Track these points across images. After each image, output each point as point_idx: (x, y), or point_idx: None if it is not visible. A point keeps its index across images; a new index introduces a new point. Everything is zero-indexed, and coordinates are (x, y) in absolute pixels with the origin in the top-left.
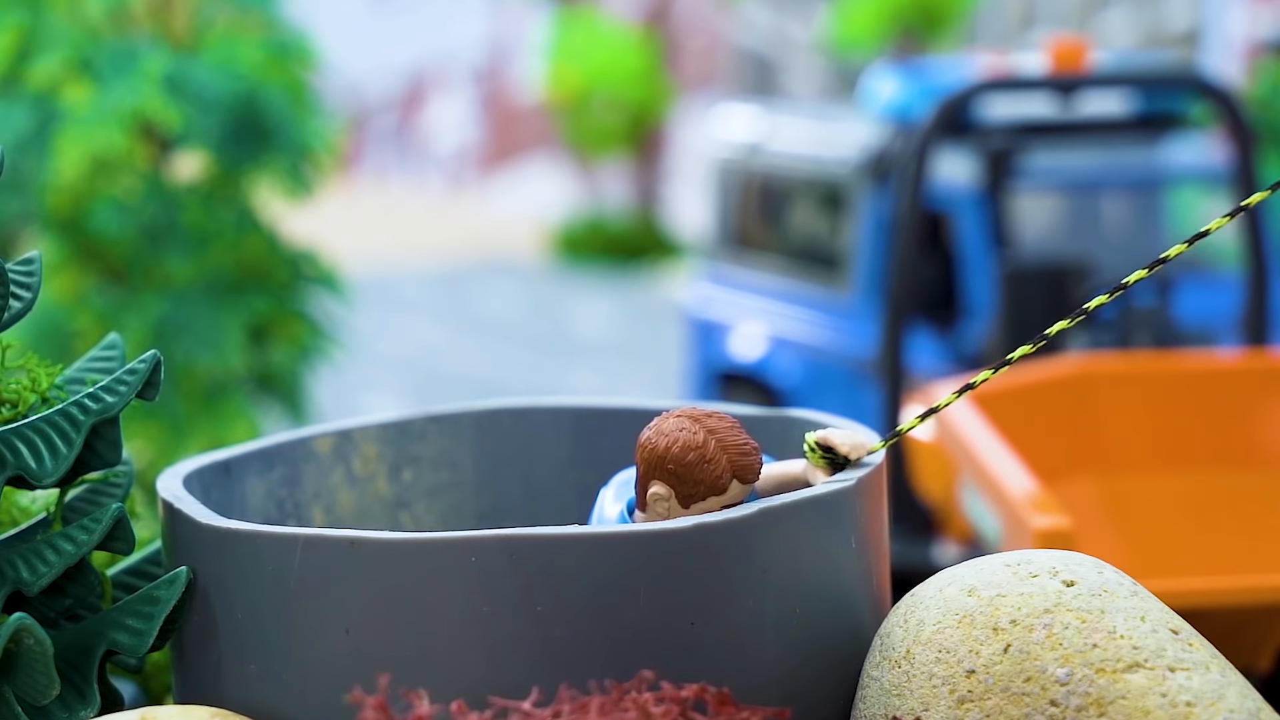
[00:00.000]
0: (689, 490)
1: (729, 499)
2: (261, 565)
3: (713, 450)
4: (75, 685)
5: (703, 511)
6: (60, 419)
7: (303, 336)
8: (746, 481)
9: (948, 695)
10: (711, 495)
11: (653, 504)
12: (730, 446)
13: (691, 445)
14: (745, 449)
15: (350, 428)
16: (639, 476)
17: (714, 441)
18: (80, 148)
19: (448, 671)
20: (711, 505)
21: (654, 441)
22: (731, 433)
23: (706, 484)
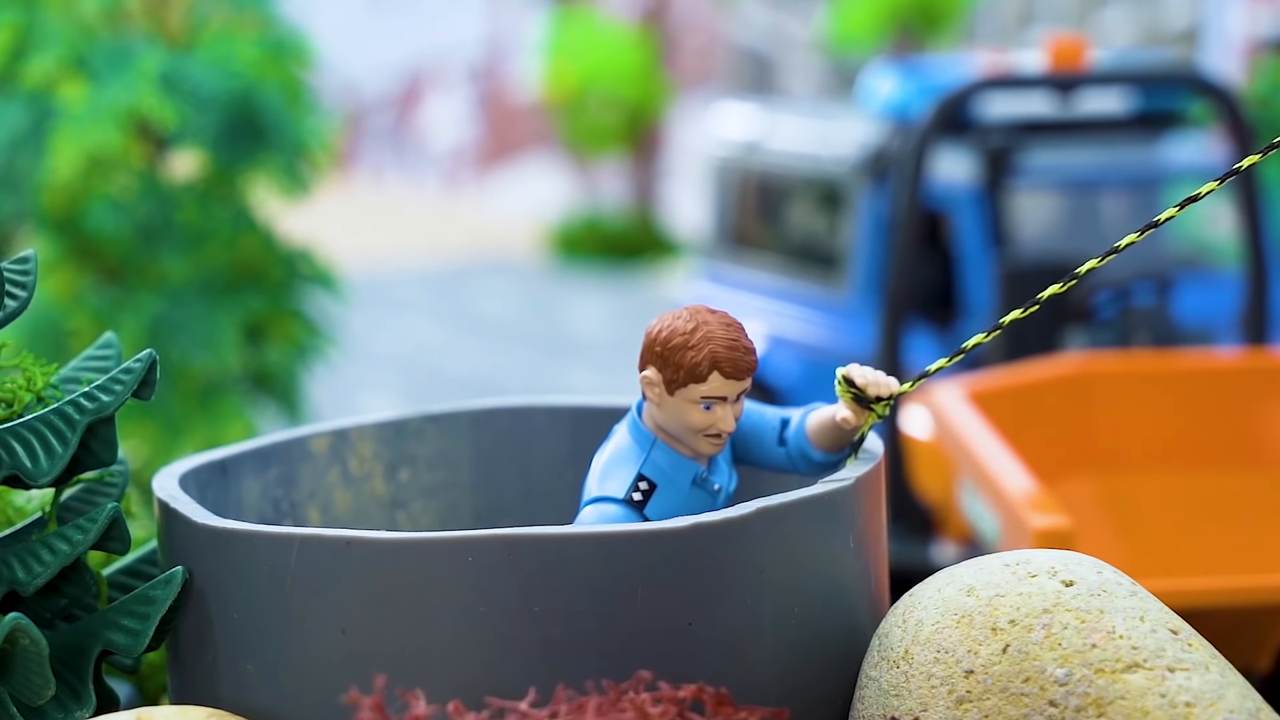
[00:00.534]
0: (670, 375)
1: (711, 390)
2: (257, 565)
3: (698, 339)
4: (71, 685)
5: (685, 402)
6: (55, 418)
7: (299, 335)
8: (729, 376)
9: (946, 695)
10: (691, 382)
11: (646, 388)
12: (718, 339)
13: (678, 331)
14: (734, 345)
15: (346, 427)
16: (639, 364)
17: (702, 331)
18: (75, 146)
19: (444, 672)
20: (693, 394)
21: (650, 327)
22: (725, 329)
23: (686, 369)
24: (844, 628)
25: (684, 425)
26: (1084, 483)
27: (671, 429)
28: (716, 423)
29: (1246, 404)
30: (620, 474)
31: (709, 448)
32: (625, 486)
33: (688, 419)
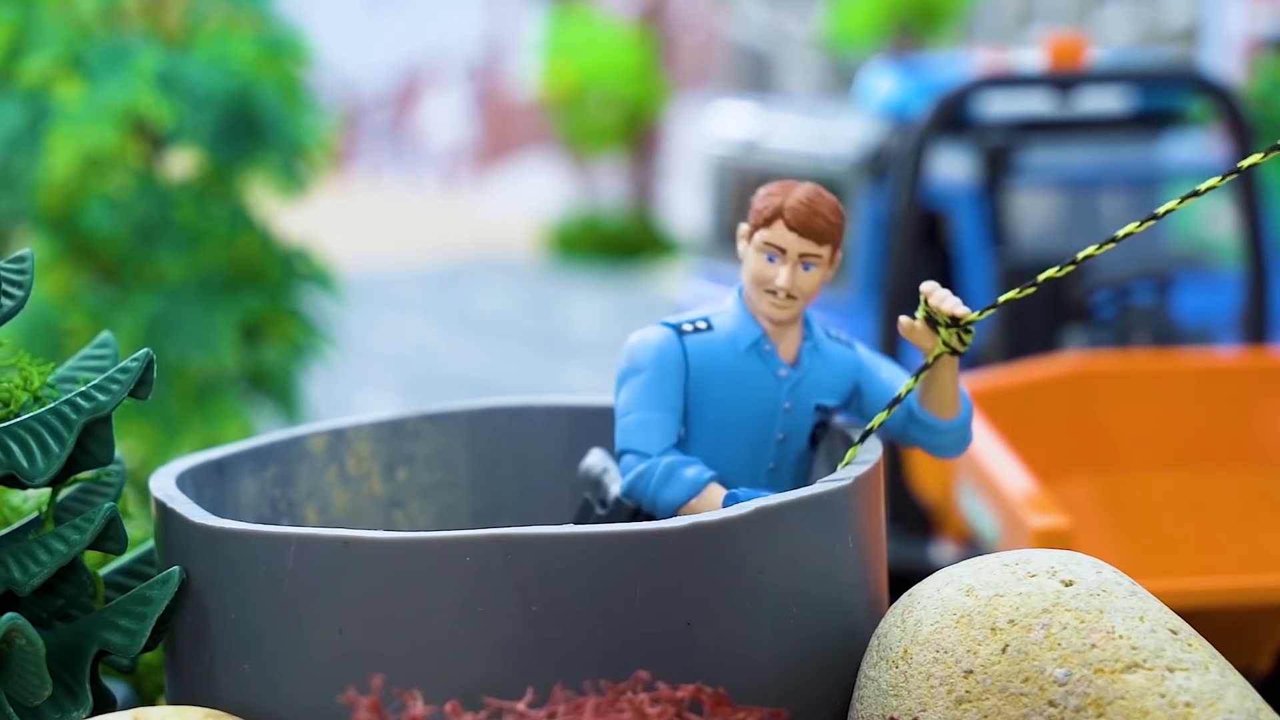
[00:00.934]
0: (749, 220)
1: (773, 238)
2: (255, 565)
3: (779, 189)
4: (67, 686)
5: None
6: (52, 418)
7: (296, 335)
8: (790, 228)
9: (945, 695)
10: (761, 227)
11: (739, 245)
12: (795, 195)
13: (771, 188)
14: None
15: (344, 427)
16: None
17: (788, 185)
18: (72, 145)
19: (442, 672)
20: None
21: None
22: (808, 191)
23: (758, 213)
24: (843, 628)
25: (751, 277)
26: (1083, 482)
27: (747, 287)
28: (776, 277)
29: (1246, 403)
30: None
31: (768, 306)
32: (686, 321)
33: (754, 270)
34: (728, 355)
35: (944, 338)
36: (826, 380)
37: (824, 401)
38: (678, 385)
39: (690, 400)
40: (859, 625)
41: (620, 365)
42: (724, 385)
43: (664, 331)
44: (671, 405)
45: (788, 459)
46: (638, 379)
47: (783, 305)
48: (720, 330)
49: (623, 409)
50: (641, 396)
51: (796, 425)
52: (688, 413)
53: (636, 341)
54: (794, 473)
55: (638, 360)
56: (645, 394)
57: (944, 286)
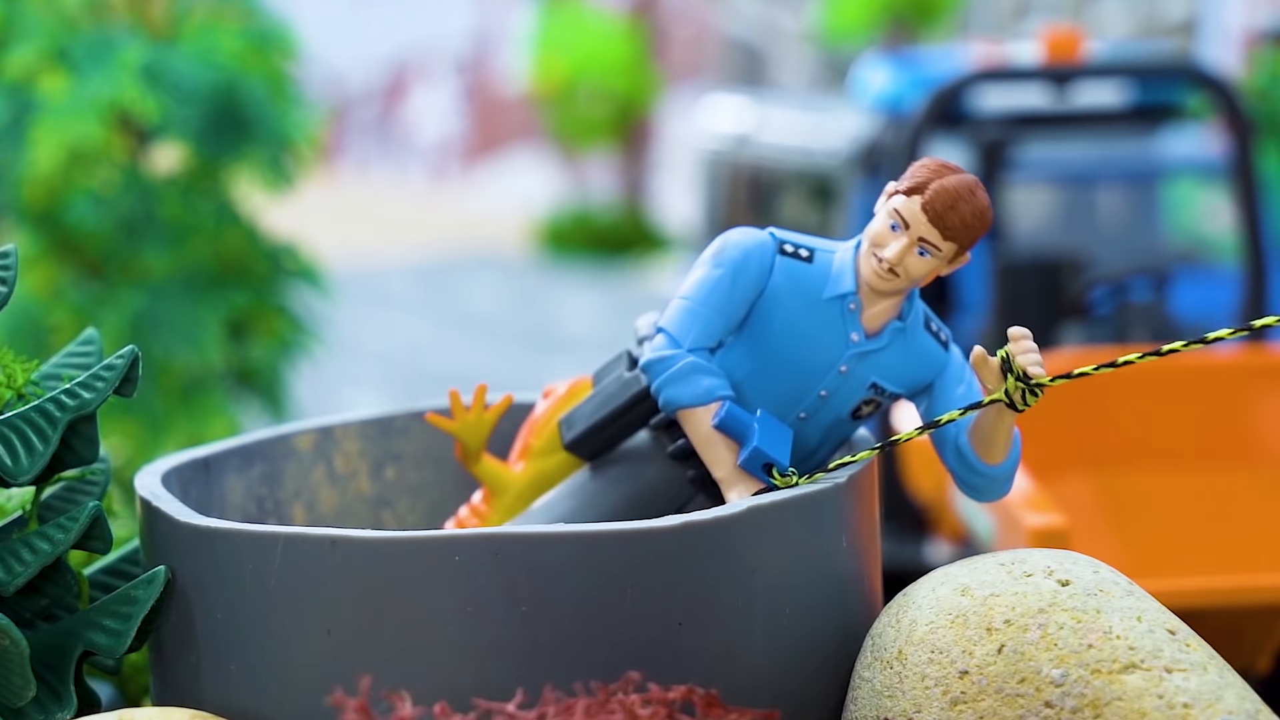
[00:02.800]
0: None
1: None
2: (241, 565)
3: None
4: (51, 687)
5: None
6: (36, 415)
7: (283, 331)
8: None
9: (940, 696)
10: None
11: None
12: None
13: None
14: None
15: (331, 424)
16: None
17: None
18: (56, 139)
19: (431, 673)
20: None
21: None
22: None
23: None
24: (837, 628)
25: (871, 234)
26: (1080, 481)
27: (864, 239)
28: (886, 247)
29: (1245, 401)
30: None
31: (869, 270)
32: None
33: (875, 226)
34: (811, 293)
35: (1008, 387)
36: (899, 366)
37: (884, 384)
38: (746, 296)
39: (754, 315)
40: (853, 625)
41: (708, 248)
42: (792, 319)
43: (765, 240)
44: (728, 312)
45: (821, 418)
46: (711, 272)
47: (883, 276)
48: (818, 267)
49: (682, 290)
50: (705, 290)
51: (844, 392)
52: (745, 325)
53: (733, 237)
54: (823, 434)
55: (723, 255)
56: (710, 289)
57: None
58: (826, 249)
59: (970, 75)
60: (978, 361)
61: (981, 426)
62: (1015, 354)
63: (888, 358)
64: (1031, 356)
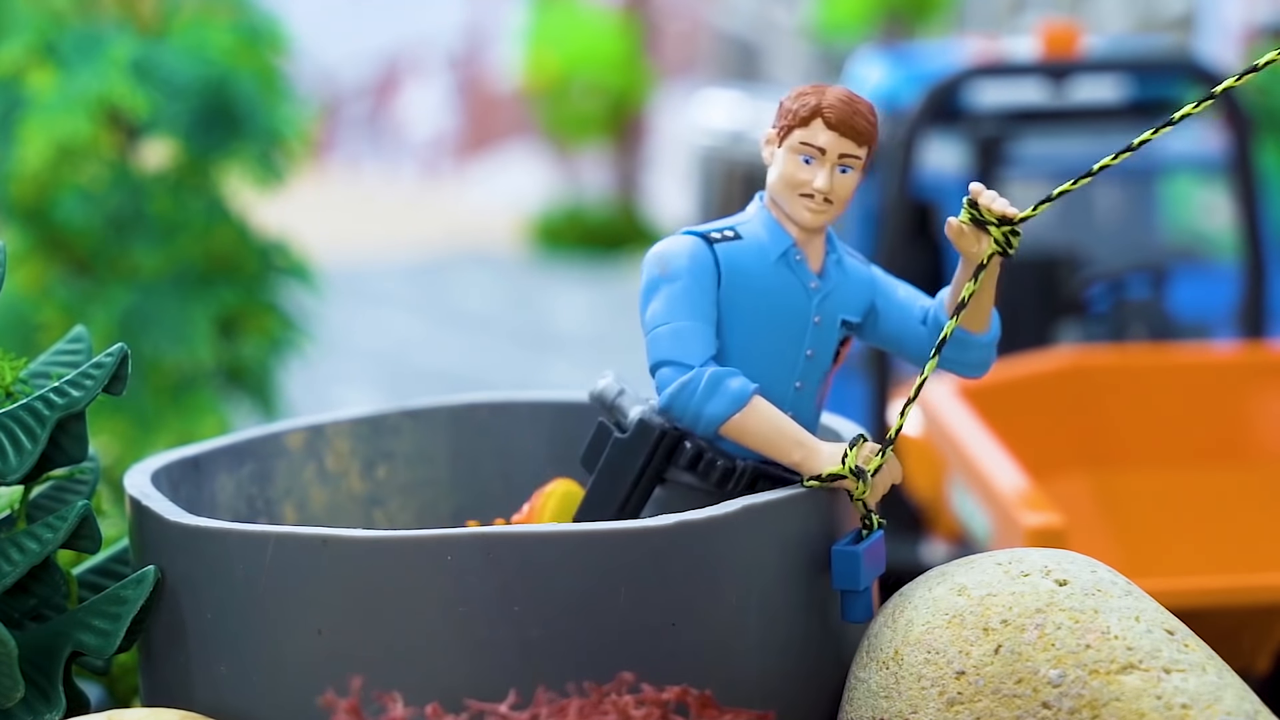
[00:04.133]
0: (780, 123)
1: (810, 137)
2: (231, 564)
3: (812, 89)
4: (40, 688)
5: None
6: (24, 414)
7: (273, 329)
8: (831, 127)
9: (937, 697)
10: (795, 127)
11: (764, 150)
12: (832, 93)
13: (801, 88)
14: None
15: (322, 423)
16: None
17: (822, 87)
18: (45, 135)
19: (423, 673)
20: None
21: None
22: (845, 92)
23: (792, 114)
24: (832, 628)
25: (783, 181)
26: (1078, 480)
27: (774, 192)
28: (813, 179)
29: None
30: (717, 223)
31: (803, 211)
32: (711, 230)
33: (788, 175)
34: (758, 265)
35: (995, 237)
36: (849, 296)
37: (849, 317)
38: (713, 295)
39: (721, 311)
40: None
41: (648, 273)
42: (755, 297)
43: (692, 239)
44: (708, 315)
45: (813, 378)
46: (672, 286)
47: (820, 209)
48: (749, 239)
49: (655, 319)
50: (678, 305)
51: (824, 341)
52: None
53: (665, 249)
54: (817, 394)
55: (671, 268)
56: (681, 302)
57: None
58: (741, 220)
59: (966, 71)
60: (953, 233)
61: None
62: (986, 204)
63: (841, 291)
64: (1000, 201)
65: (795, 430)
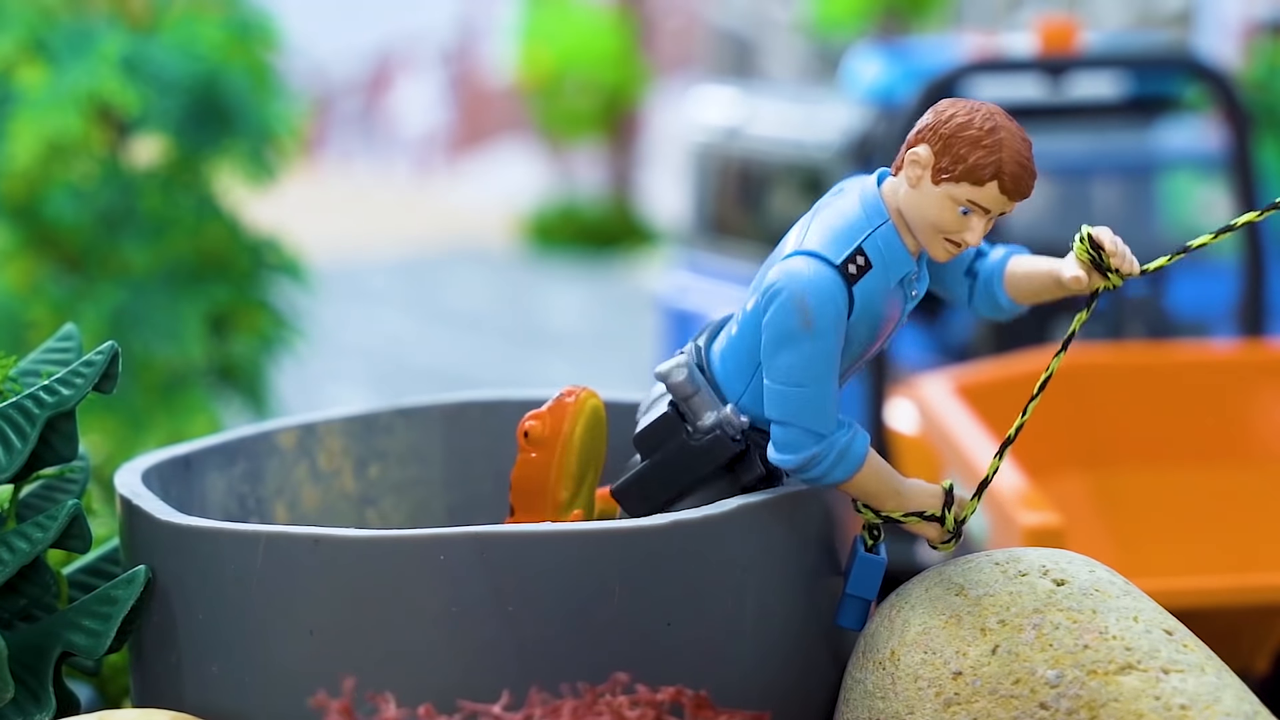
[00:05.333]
0: (945, 165)
1: (980, 198)
2: (223, 564)
3: (992, 141)
4: (30, 688)
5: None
6: (14, 412)
7: (265, 327)
8: (1006, 192)
9: (933, 698)
10: (966, 181)
11: (908, 165)
12: (1012, 150)
13: (974, 124)
14: (1025, 162)
15: (314, 421)
16: (910, 138)
17: (999, 135)
18: (35, 132)
19: (415, 674)
20: (959, 194)
21: (941, 108)
22: (1021, 142)
23: (967, 166)
24: (828, 628)
25: (929, 221)
26: (1076, 479)
27: (913, 218)
28: (965, 233)
29: (1244, 397)
30: (837, 237)
31: (941, 253)
32: (842, 253)
33: (939, 217)
34: (881, 291)
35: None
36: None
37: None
38: (841, 341)
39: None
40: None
41: (787, 319)
42: (868, 321)
43: (834, 280)
44: (838, 368)
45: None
46: (814, 346)
47: (955, 253)
48: (878, 266)
49: (790, 376)
50: (818, 369)
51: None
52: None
53: (809, 295)
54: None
55: (816, 324)
56: (822, 367)
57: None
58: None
59: (964, 67)
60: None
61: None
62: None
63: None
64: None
65: (894, 481)
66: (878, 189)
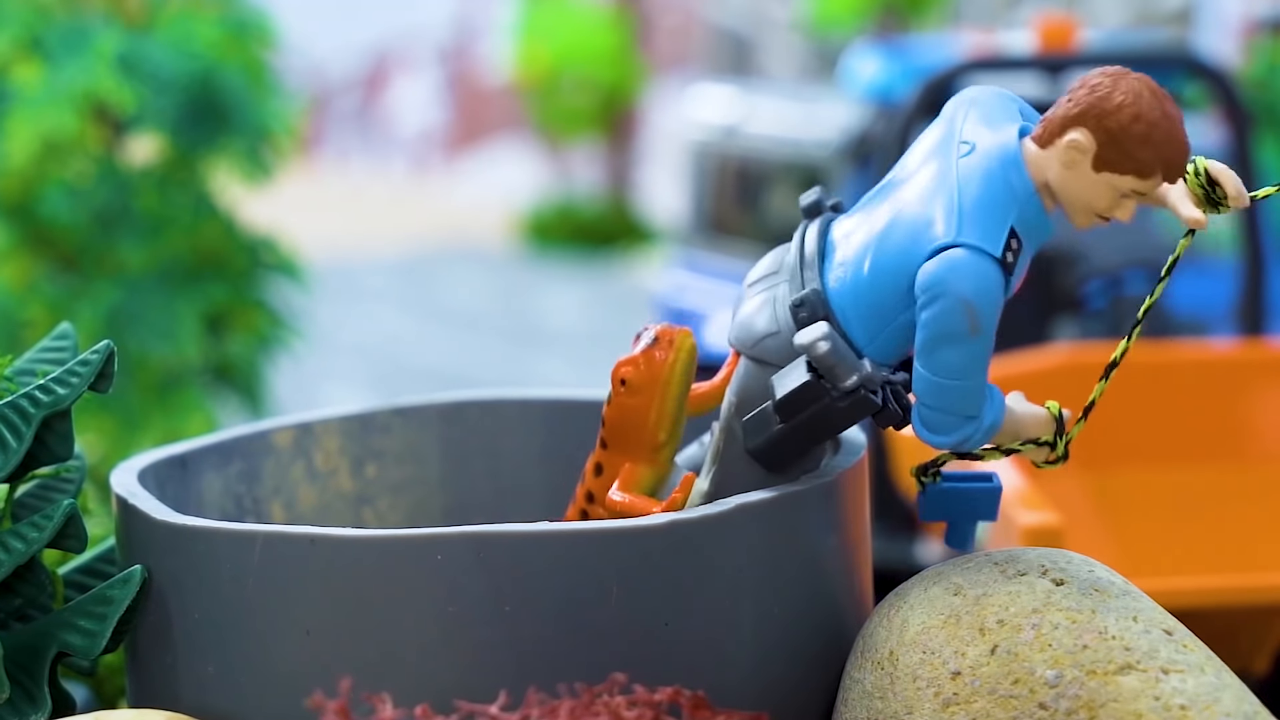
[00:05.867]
0: (1114, 157)
1: (1144, 188)
2: (219, 564)
3: (1161, 136)
4: (25, 688)
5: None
6: (9, 412)
7: (261, 326)
8: (1167, 179)
9: (932, 698)
10: (1132, 174)
11: (1064, 149)
12: (1177, 141)
13: (1144, 117)
14: (1185, 150)
15: (311, 421)
16: (1063, 113)
17: (1166, 127)
18: (30, 130)
19: (412, 674)
20: (1122, 184)
21: (1107, 89)
22: (1180, 128)
23: (1135, 161)
24: (827, 628)
25: (1085, 202)
26: (1074, 478)
27: (1065, 197)
28: (1118, 211)
29: (1243, 396)
30: (991, 221)
31: (1084, 224)
32: (1000, 240)
33: (1095, 198)
34: (1027, 264)
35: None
36: None
37: None
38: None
39: None
40: (843, 626)
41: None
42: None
43: (998, 278)
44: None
45: None
46: (976, 345)
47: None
48: (1027, 243)
49: (950, 371)
50: (978, 364)
51: None
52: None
53: (978, 297)
54: None
55: (983, 326)
56: (981, 362)
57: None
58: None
59: (962, 65)
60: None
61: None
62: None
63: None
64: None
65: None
66: (1020, 155)
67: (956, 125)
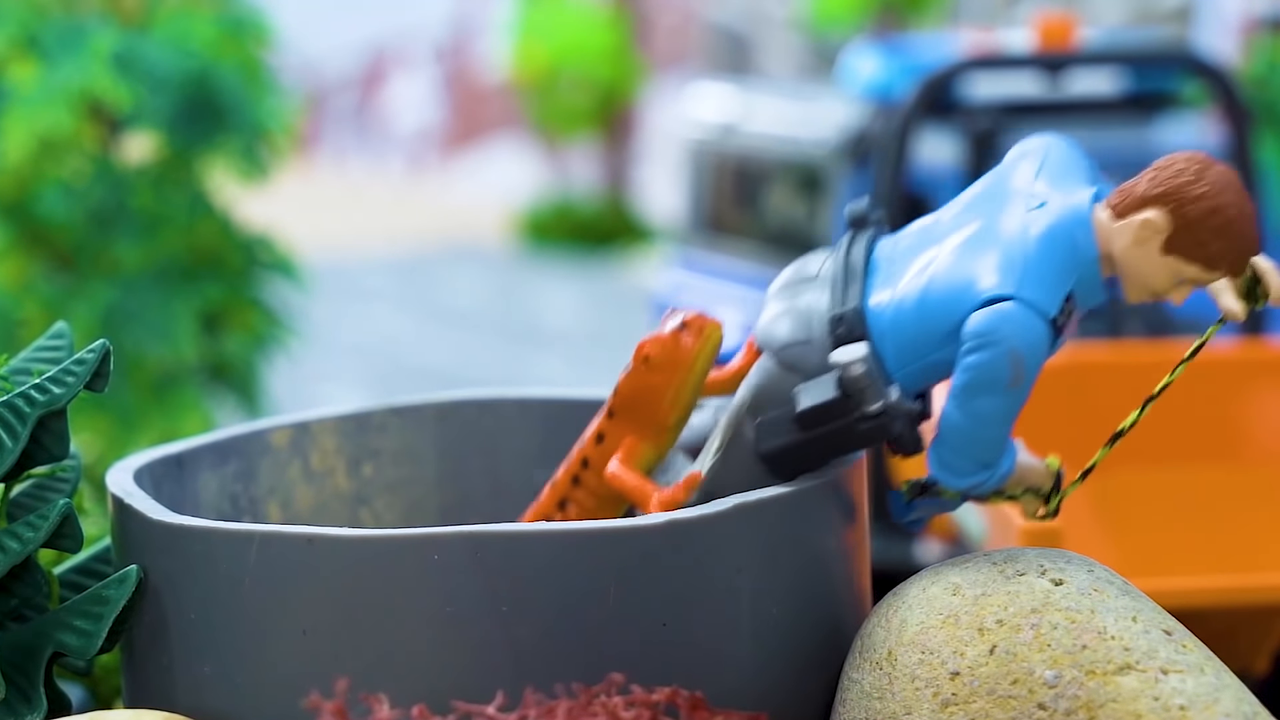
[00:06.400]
0: (1186, 244)
1: (1205, 279)
2: (215, 563)
3: (1236, 232)
4: (20, 689)
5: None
6: (5, 411)
7: (258, 325)
8: (1229, 275)
9: (931, 698)
10: (1199, 264)
11: (1139, 226)
12: (1249, 239)
13: (1222, 211)
14: (1255, 248)
15: (308, 420)
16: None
17: (1241, 223)
18: (26, 128)
19: (409, 674)
20: (1187, 274)
21: (1192, 176)
22: (1253, 225)
23: (1206, 253)
24: (825, 628)
25: (1144, 277)
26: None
27: (1127, 271)
28: (1173, 296)
29: (1243, 396)
30: (1052, 281)
31: (1137, 299)
32: (1057, 302)
33: (1157, 279)
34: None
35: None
36: None
37: None
38: None
39: None
40: (841, 626)
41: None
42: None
43: (1048, 338)
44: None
45: None
46: (1015, 398)
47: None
48: (1080, 304)
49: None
50: (1011, 416)
51: None
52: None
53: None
54: None
55: (1026, 376)
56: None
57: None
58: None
59: (961, 63)
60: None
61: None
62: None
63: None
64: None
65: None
66: (1090, 220)
67: (1028, 174)
